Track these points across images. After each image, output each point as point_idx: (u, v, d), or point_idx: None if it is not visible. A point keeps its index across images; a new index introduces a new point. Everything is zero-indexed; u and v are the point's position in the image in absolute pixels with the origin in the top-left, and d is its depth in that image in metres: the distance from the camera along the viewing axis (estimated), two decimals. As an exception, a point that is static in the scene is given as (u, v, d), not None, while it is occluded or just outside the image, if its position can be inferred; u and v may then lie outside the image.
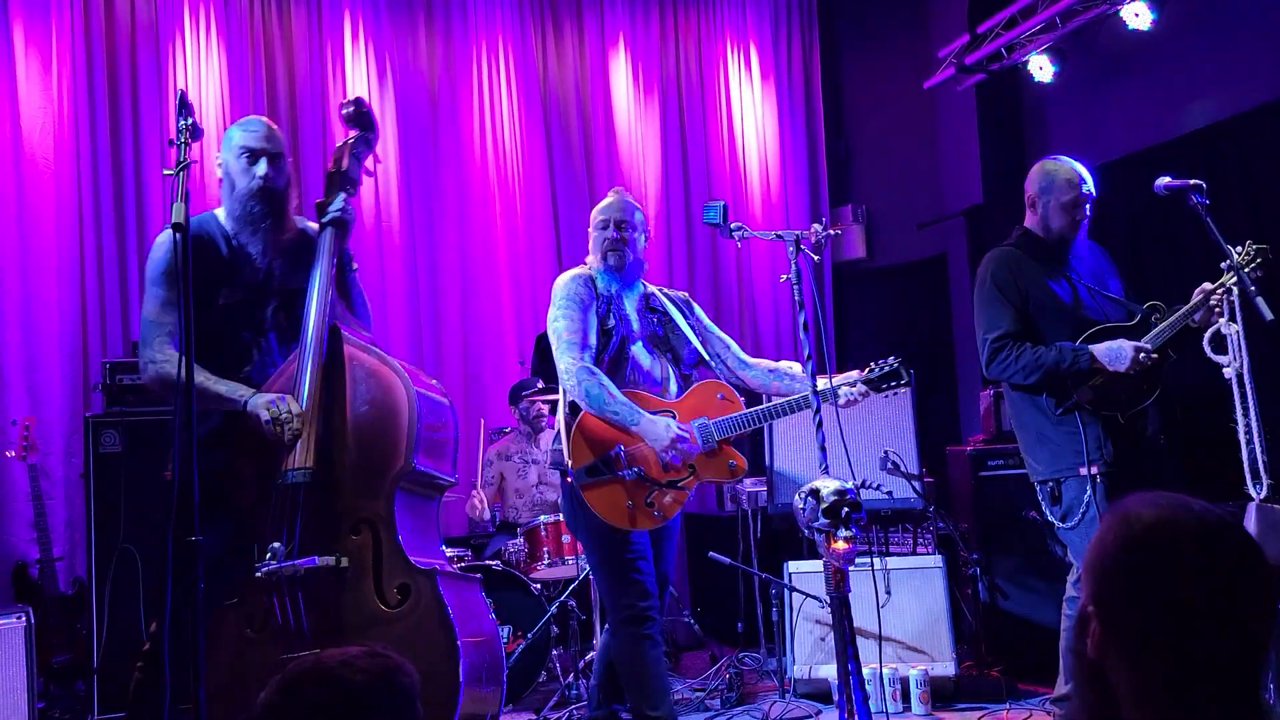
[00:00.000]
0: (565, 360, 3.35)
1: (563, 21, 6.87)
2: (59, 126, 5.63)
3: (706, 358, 3.62)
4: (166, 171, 2.43)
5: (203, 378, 2.83)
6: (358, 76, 6.30)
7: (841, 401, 3.31)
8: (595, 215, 3.60)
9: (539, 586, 4.55)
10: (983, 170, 6.60)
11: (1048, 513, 3.45)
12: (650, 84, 6.96)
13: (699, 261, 6.96)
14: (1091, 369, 3.31)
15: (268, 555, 2.63)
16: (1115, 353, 3.28)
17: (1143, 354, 3.26)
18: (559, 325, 3.41)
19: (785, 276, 3.05)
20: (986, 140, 6.62)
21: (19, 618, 4.28)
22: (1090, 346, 3.33)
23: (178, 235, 2.32)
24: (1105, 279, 3.57)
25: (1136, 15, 5.32)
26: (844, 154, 7.48)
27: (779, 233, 3.04)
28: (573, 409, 3.39)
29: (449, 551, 4.92)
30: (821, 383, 3.23)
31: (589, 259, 3.59)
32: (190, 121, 2.51)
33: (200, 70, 5.97)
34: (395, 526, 2.76)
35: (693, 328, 3.63)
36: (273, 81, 6.19)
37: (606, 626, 3.55)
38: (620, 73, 6.91)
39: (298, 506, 2.71)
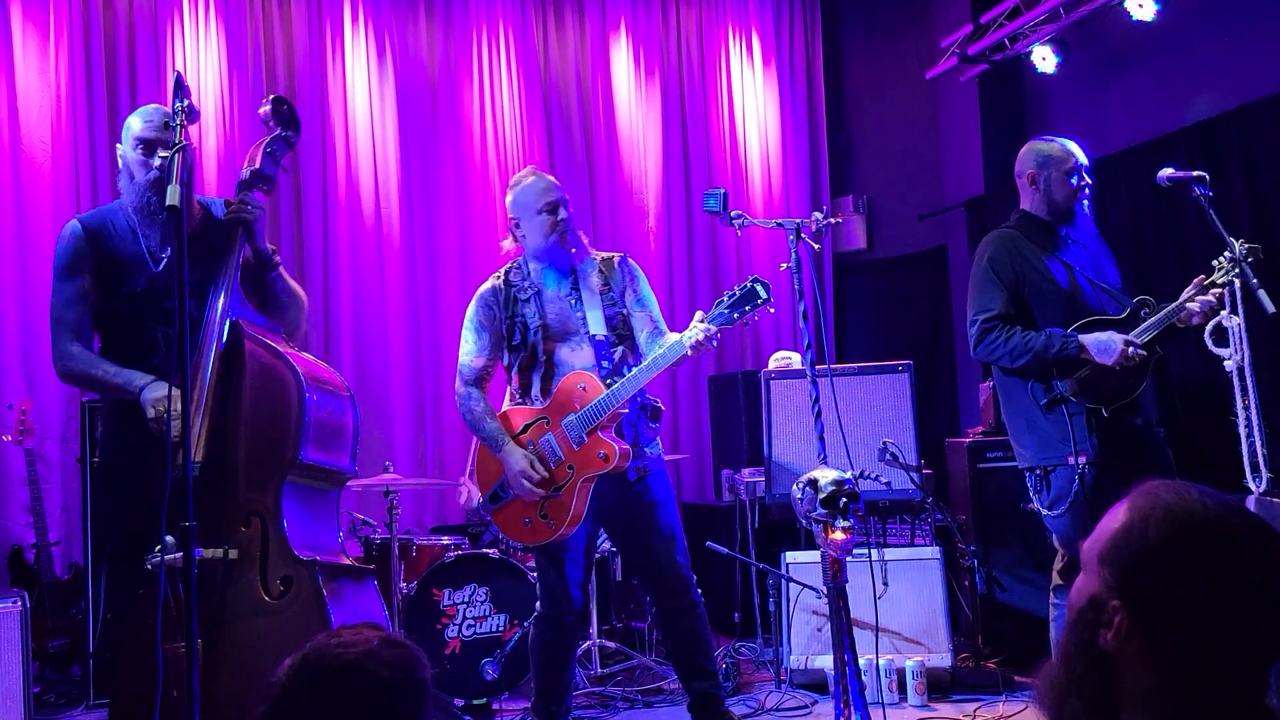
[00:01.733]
0: (457, 384, 3.52)
1: (564, 6, 6.84)
2: (56, 108, 5.61)
3: (604, 333, 3.41)
4: (162, 153, 2.40)
5: (104, 369, 2.88)
6: (357, 60, 6.27)
7: (689, 349, 3.11)
8: (531, 199, 3.41)
9: (535, 575, 4.55)
10: (984, 161, 6.58)
11: (1035, 500, 3.44)
12: (651, 70, 6.93)
13: (698, 249, 6.94)
14: (1080, 358, 3.28)
15: (156, 548, 2.52)
16: (1104, 345, 3.25)
17: (1131, 348, 3.22)
18: (460, 350, 3.56)
19: (785, 265, 3.03)
20: (989, 131, 6.60)
21: (14, 602, 4.27)
22: (1080, 336, 3.29)
23: (169, 214, 2.29)
24: (1105, 270, 3.55)
25: (1140, 6, 5.29)
26: (845, 143, 7.46)
27: (779, 221, 3.02)
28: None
29: (446, 539, 4.93)
30: (666, 344, 3.22)
31: (506, 245, 3.59)
32: (186, 103, 2.47)
33: (199, 53, 5.94)
34: (282, 518, 2.75)
35: (615, 300, 3.45)
36: (271, 64, 6.16)
37: (652, 610, 3.56)
38: (621, 58, 6.88)
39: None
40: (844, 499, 2.50)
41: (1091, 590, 1.22)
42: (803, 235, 2.93)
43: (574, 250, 3.42)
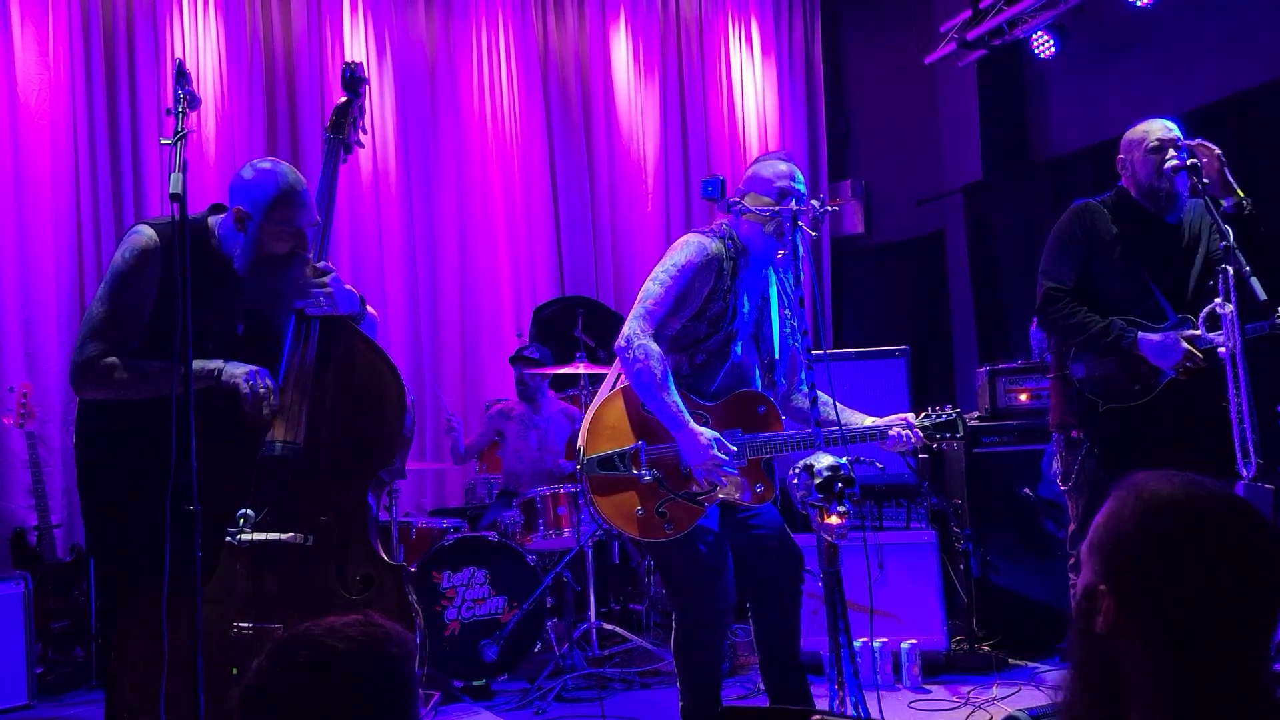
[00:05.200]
0: (633, 325, 2.92)
1: (563, -8, 6.84)
2: (55, 93, 5.61)
3: (777, 351, 3.13)
4: (164, 141, 2.40)
5: (156, 364, 2.64)
6: (356, 48, 6.27)
7: (888, 442, 3.01)
8: (771, 180, 3.00)
9: (534, 558, 4.58)
10: (983, 147, 6.58)
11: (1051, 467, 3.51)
12: (651, 58, 6.92)
13: (697, 235, 6.95)
14: (1131, 352, 3.25)
15: (240, 521, 2.58)
16: (1163, 348, 3.20)
17: (1191, 361, 3.18)
18: (652, 288, 2.95)
19: (782, 252, 3.03)
20: (987, 117, 6.60)
21: (17, 584, 4.31)
22: (1140, 333, 3.25)
23: (175, 205, 2.30)
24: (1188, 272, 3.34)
25: (1139, -9, 5.31)
26: (844, 129, 7.46)
27: (777, 209, 2.98)
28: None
29: (445, 522, 4.98)
30: (869, 420, 3.05)
31: (719, 228, 3.07)
32: (188, 90, 2.47)
33: (198, 39, 5.94)
34: (367, 517, 2.80)
35: (790, 316, 3.16)
36: (270, 51, 6.16)
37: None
38: (620, 46, 6.88)
39: (281, 479, 2.68)
40: (840, 484, 2.52)
41: (1085, 582, 1.25)
42: (800, 223, 2.92)
43: (782, 253, 3.01)
